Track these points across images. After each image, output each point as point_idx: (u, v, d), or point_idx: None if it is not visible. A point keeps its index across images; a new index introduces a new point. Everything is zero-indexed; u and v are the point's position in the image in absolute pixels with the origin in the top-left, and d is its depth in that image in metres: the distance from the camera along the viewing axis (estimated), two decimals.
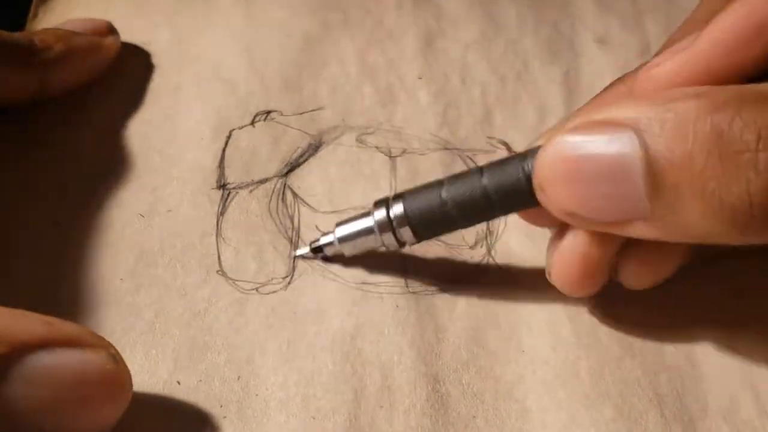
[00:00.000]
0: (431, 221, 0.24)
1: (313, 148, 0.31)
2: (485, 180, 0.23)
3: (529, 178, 0.22)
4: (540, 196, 0.22)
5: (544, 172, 0.21)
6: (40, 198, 0.27)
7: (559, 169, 0.21)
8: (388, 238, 0.25)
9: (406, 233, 0.25)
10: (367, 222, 0.25)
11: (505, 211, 0.24)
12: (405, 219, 0.25)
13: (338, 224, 0.26)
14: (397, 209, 0.25)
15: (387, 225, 0.25)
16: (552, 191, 0.21)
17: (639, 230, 0.21)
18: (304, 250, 0.27)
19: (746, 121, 0.18)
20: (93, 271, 0.26)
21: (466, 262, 0.27)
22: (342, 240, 0.26)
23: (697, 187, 0.19)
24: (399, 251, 0.26)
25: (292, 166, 0.30)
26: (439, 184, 0.24)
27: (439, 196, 0.24)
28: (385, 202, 0.25)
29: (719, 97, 0.19)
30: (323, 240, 0.27)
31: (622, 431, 0.23)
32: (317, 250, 0.27)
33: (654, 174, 0.19)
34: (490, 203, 0.23)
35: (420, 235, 0.25)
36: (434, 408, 0.23)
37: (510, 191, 0.23)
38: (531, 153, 0.23)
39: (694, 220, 0.19)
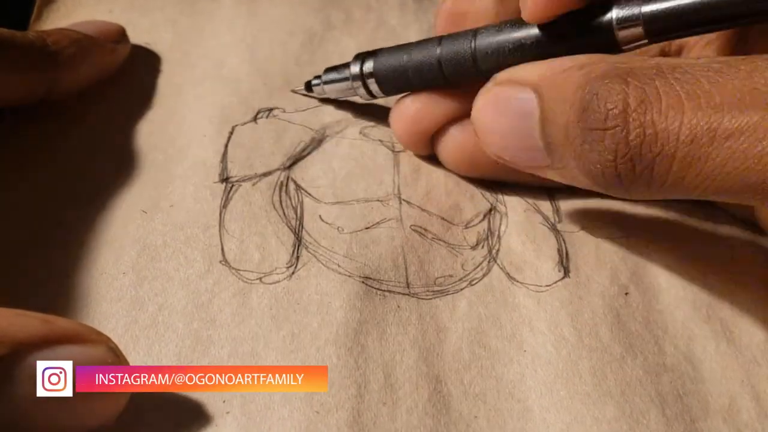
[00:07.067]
0: (393, 80, 0.27)
1: (317, 141, 0.29)
2: (439, 50, 0.26)
3: (474, 54, 0.25)
4: (480, 142, 0.24)
5: (477, 121, 0.24)
6: (43, 198, 0.26)
7: (486, 120, 0.23)
8: (360, 89, 0.28)
9: (374, 87, 0.28)
10: (346, 72, 0.29)
11: (453, 80, 0.26)
12: (372, 75, 0.28)
13: (327, 69, 0.30)
14: (368, 66, 0.28)
15: (359, 77, 0.28)
16: (483, 139, 0.24)
17: (551, 175, 0.22)
18: (299, 87, 0.31)
19: (601, 98, 0.19)
20: (95, 268, 0.24)
21: (467, 263, 0.26)
22: (326, 82, 0.29)
23: (574, 151, 0.20)
24: (370, 101, 0.29)
25: (296, 159, 0.28)
26: (408, 47, 0.27)
27: (402, 59, 0.27)
28: (362, 57, 0.28)
29: (593, 72, 0.20)
30: (315, 81, 0.30)
31: (624, 430, 0.22)
32: (309, 89, 0.30)
33: (546, 134, 0.21)
34: (441, 72, 0.26)
35: (386, 91, 0.28)
36: (436, 408, 0.22)
37: (458, 63, 0.25)
38: (480, 30, 0.25)
39: (579, 176, 0.21)
